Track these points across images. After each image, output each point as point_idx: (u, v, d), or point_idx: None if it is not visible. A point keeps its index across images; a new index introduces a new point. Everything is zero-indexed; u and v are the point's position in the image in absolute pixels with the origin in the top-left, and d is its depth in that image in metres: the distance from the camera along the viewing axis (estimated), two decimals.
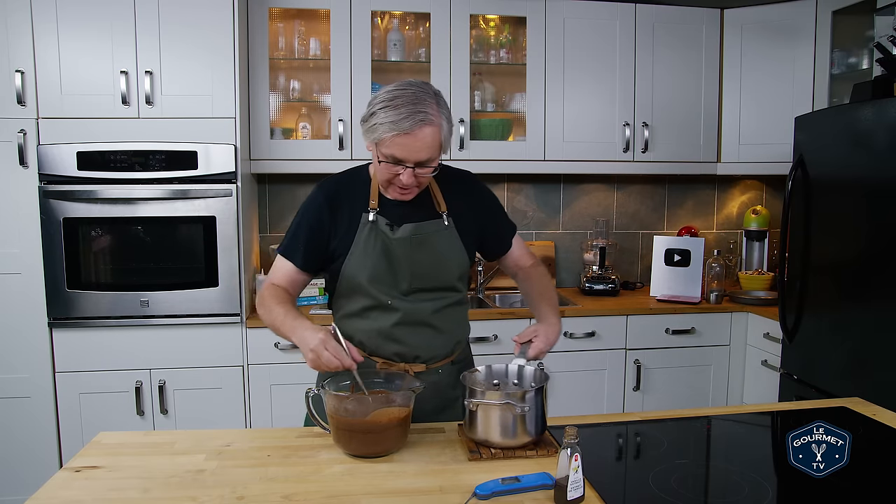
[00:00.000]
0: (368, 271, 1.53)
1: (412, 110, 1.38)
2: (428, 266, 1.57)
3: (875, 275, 2.29)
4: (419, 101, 1.40)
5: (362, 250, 1.53)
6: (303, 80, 3.14)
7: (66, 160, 2.56)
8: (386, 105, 1.40)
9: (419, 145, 1.41)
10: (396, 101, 1.39)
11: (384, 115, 1.39)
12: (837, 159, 2.46)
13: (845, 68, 3.00)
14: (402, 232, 1.54)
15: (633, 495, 1.23)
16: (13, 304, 2.60)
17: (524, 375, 1.48)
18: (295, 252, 1.57)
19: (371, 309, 1.56)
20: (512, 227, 1.78)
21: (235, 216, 2.67)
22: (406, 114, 1.38)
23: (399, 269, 1.55)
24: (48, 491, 1.18)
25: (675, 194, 3.64)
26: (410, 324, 1.55)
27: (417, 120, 1.39)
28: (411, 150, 1.41)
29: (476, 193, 1.69)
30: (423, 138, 1.40)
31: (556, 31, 3.12)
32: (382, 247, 1.53)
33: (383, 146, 1.42)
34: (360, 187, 1.59)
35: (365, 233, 1.54)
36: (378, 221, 1.53)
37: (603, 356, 2.97)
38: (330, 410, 1.34)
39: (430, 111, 1.41)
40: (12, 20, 2.52)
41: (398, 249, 1.54)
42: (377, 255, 1.53)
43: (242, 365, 2.71)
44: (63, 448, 2.66)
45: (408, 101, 1.39)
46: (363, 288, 1.54)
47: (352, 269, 1.54)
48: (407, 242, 1.54)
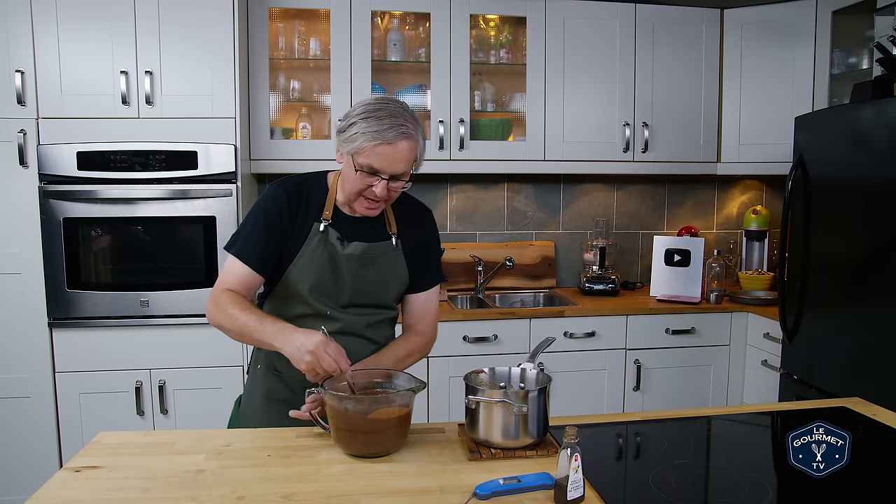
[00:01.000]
0: (312, 281, 1.53)
1: (395, 122, 1.42)
2: (371, 284, 1.58)
3: (875, 274, 2.29)
4: (400, 115, 1.44)
5: (308, 259, 1.54)
6: (303, 80, 3.14)
7: (66, 160, 2.56)
8: (368, 116, 1.42)
9: (398, 157, 1.44)
10: (379, 113, 1.42)
11: (366, 125, 1.41)
12: (837, 159, 2.46)
13: (845, 68, 3.00)
14: (353, 249, 1.55)
15: (633, 495, 1.23)
16: (13, 304, 2.60)
17: (528, 378, 1.48)
18: (250, 253, 1.51)
19: (307, 317, 1.56)
20: (440, 278, 1.72)
21: (235, 216, 2.67)
22: (389, 125, 1.41)
23: (342, 284, 1.56)
24: (48, 491, 1.18)
25: (675, 194, 3.64)
26: (345, 333, 1.57)
27: (400, 132, 1.42)
28: (390, 162, 1.43)
29: (427, 227, 1.69)
30: (402, 150, 1.43)
31: (556, 31, 3.12)
32: (329, 259, 1.54)
33: (362, 156, 1.44)
34: (318, 193, 1.58)
35: (314, 242, 1.54)
36: (329, 233, 1.54)
37: (603, 356, 2.97)
38: (330, 410, 1.34)
39: (410, 126, 1.44)
40: (12, 20, 2.52)
41: (345, 265, 1.55)
42: (322, 266, 1.54)
43: (242, 365, 2.71)
44: (63, 448, 2.66)
45: (390, 114, 1.43)
46: (303, 296, 1.55)
47: (296, 276, 1.54)
48: (355, 260, 1.55)
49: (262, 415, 1.61)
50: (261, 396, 1.64)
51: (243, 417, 1.67)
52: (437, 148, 3.04)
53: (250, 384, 1.68)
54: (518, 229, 3.52)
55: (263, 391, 1.64)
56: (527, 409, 1.31)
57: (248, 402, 1.68)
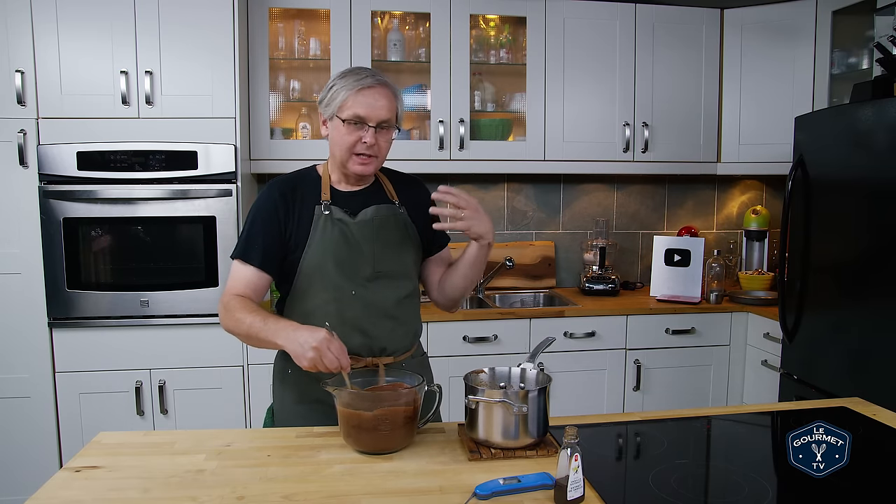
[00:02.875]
0: (331, 259, 1.54)
1: (369, 73, 1.54)
2: (389, 248, 1.60)
3: (875, 274, 2.29)
4: (373, 72, 1.55)
5: (319, 240, 1.55)
6: (303, 80, 3.14)
7: (66, 160, 2.56)
8: (344, 75, 1.54)
9: (380, 103, 1.51)
10: (354, 69, 1.55)
11: (344, 81, 1.52)
12: (837, 159, 2.46)
13: (845, 68, 3.00)
14: (363, 216, 1.58)
15: (633, 495, 1.23)
16: (13, 304, 2.60)
17: (528, 378, 1.48)
18: (251, 253, 1.54)
19: (333, 302, 1.56)
20: (447, 237, 1.78)
21: (235, 216, 2.67)
22: (366, 74, 1.53)
23: (360, 254, 1.56)
24: (48, 491, 1.18)
25: (675, 194, 3.64)
26: (374, 315, 1.57)
27: (376, 80, 1.52)
28: (373, 108, 1.50)
29: (424, 194, 1.73)
30: (382, 95, 1.52)
31: (556, 31, 3.12)
32: (341, 234, 1.55)
33: (345, 109, 1.50)
34: (311, 184, 1.61)
35: (321, 224, 1.55)
36: (333, 212, 1.56)
37: (603, 356, 2.97)
38: (339, 406, 1.34)
39: (384, 77, 1.56)
40: (12, 20, 2.52)
41: (359, 233, 1.57)
42: (336, 243, 1.55)
43: (242, 365, 2.71)
44: (63, 448, 2.66)
45: (365, 70, 1.55)
46: (325, 280, 1.55)
47: (311, 260, 1.55)
48: (369, 225, 1.58)
49: (300, 420, 1.59)
50: (293, 401, 1.62)
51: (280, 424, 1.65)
52: (437, 148, 3.04)
53: (280, 390, 1.66)
54: (518, 229, 3.52)
55: (296, 395, 1.62)
56: (527, 409, 1.31)
57: (282, 407, 1.66)
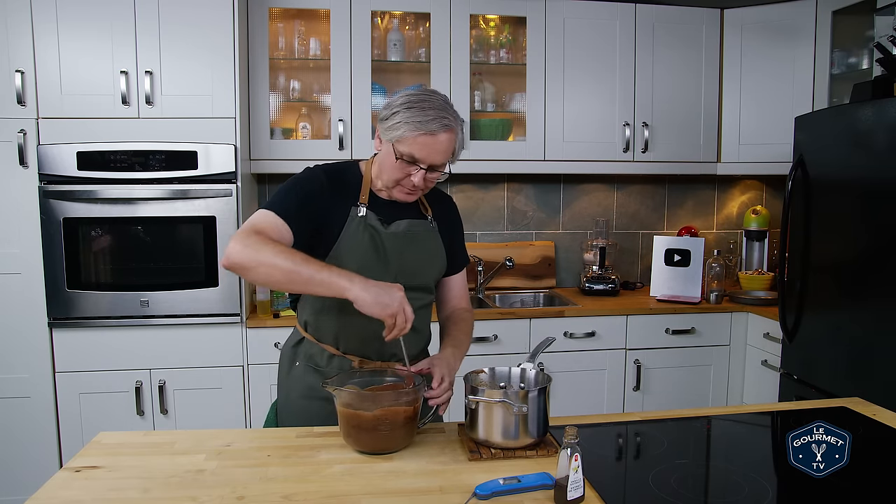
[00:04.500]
0: (357, 263, 1.52)
1: (438, 114, 1.45)
2: (415, 263, 1.60)
3: (875, 274, 2.29)
4: (442, 108, 1.47)
5: (348, 242, 1.54)
6: (303, 80, 3.14)
7: (66, 160, 2.56)
8: (412, 106, 1.45)
9: (439, 148, 1.46)
10: (424, 105, 1.45)
11: (410, 115, 1.44)
12: (837, 159, 2.46)
13: (845, 68, 3.00)
14: (396, 227, 1.57)
15: (633, 495, 1.23)
16: (13, 304, 2.60)
17: (528, 378, 1.48)
18: (288, 211, 1.45)
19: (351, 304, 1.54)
20: (466, 259, 1.80)
21: (235, 216, 2.67)
22: (433, 116, 1.44)
23: (386, 264, 1.56)
24: (48, 491, 1.18)
25: (675, 194, 3.64)
26: None
27: (443, 124, 1.45)
28: (430, 152, 1.46)
29: (453, 213, 1.75)
30: (443, 142, 1.46)
31: (556, 31, 3.12)
32: (370, 241, 1.55)
33: (403, 144, 1.46)
34: (353, 180, 1.60)
35: (353, 226, 1.54)
36: (368, 216, 1.55)
37: (603, 356, 2.97)
38: (339, 406, 1.34)
39: (451, 119, 1.48)
40: (12, 20, 2.52)
41: (388, 244, 1.56)
42: (365, 248, 1.54)
43: (242, 365, 2.71)
44: (63, 448, 2.66)
45: (434, 106, 1.46)
46: None
47: (337, 261, 1.52)
48: (400, 237, 1.57)
49: (303, 415, 1.59)
50: (300, 396, 1.62)
51: (283, 420, 1.64)
52: None
53: (286, 385, 1.66)
54: (518, 229, 3.52)
55: (302, 390, 1.61)
56: (527, 409, 1.31)
57: (286, 403, 1.65)
